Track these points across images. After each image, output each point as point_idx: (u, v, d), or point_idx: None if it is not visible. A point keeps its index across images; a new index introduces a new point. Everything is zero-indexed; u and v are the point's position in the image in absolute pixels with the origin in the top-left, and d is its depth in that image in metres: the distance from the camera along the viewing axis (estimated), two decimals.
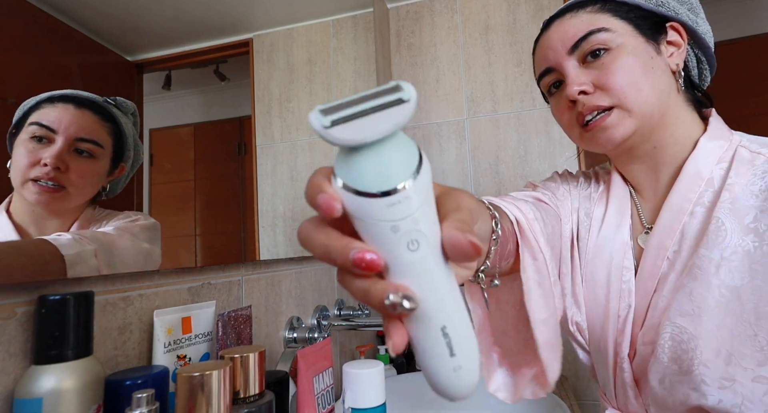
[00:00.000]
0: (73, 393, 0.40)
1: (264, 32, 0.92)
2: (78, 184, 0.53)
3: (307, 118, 0.22)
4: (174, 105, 0.71)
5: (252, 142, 0.87)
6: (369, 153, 0.22)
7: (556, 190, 0.70)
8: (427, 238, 0.23)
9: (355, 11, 1.33)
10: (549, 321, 0.46)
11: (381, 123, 0.22)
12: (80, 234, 0.53)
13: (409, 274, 0.23)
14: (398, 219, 0.22)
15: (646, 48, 0.59)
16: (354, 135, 0.22)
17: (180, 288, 0.63)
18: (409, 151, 0.23)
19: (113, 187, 0.59)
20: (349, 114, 0.22)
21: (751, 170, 0.54)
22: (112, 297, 0.52)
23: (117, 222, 0.59)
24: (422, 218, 0.23)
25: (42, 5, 0.49)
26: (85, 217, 0.55)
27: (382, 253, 0.22)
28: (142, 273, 0.57)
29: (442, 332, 0.23)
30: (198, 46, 0.74)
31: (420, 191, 0.22)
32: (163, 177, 0.67)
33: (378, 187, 0.22)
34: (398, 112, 0.22)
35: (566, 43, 0.60)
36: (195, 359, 0.57)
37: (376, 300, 0.22)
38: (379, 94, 0.22)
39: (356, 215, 0.22)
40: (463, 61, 1.57)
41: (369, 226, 0.22)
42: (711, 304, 0.52)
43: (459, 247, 0.22)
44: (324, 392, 0.67)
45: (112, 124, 0.57)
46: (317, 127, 0.22)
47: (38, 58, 0.49)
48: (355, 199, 0.22)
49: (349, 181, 0.22)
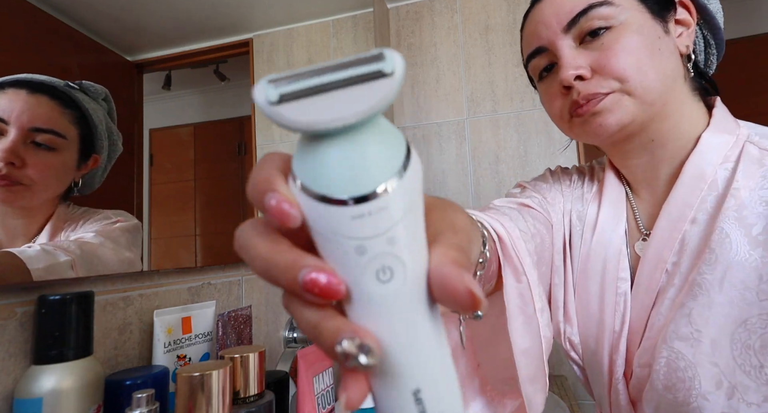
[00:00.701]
0: (73, 393, 0.40)
1: (264, 32, 0.92)
2: (38, 180, 0.47)
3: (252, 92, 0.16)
4: (174, 105, 0.71)
5: (252, 142, 0.87)
6: (334, 143, 0.16)
7: (547, 192, 0.63)
8: (406, 267, 0.17)
9: (355, 11, 1.33)
10: (532, 352, 0.42)
11: (353, 102, 0.16)
12: (55, 245, 0.49)
13: (375, 314, 0.17)
14: (366, 237, 0.16)
15: (653, 26, 0.50)
16: (312, 116, 0.16)
17: (180, 288, 0.63)
18: (391, 144, 0.17)
19: (89, 181, 0.54)
20: (307, 87, 0.16)
21: (760, 171, 0.47)
22: (112, 297, 0.52)
23: (95, 224, 0.54)
24: (401, 238, 0.17)
25: (42, 5, 0.49)
26: (59, 216, 0.50)
27: (345, 279, 0.17)
28: (142, 273, 0.57)
29: (414, 397, 0.17)
30: (198, 46, 0.74)
31: (403, 200, 0.16)
32: (163, 177, 0.67)
33: (344, 190, 0.16)
34: (377, 88, 0.16)
35: (562, 18, 0.51)
36: (195, 359, 0.57)
37: (325, 342, 0.16)
38: (352, 63, 0.16)
39: (315, 227, 0.17)
40: (463, 61, 1.57)
41: (330, 244, 0.17)
42: (712, 328, 0.45)
43: (452, 293, 0.17)
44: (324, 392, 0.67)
45: (75, 110, 0.51)
46: (261, 102, 0.16)
47: (38, 58, 0.49)
48: (314, 206, 0.16)
49: (306, 180, 0.17)
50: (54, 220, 0.50)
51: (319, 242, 0.17)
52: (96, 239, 0.53)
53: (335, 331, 0.16)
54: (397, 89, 0.16)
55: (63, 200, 0.51)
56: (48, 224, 0.49)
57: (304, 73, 0.16)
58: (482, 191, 1.50)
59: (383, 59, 0.16)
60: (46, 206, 0.49)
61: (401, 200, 0.16)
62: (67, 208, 0.51)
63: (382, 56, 0.16)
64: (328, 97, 0.16)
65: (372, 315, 0.17)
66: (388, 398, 0.18)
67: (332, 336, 0.16)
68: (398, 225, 0.16)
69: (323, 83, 0.16)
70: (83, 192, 0.53)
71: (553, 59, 0.54)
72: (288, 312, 0.18)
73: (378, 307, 0.17)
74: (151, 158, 0.64)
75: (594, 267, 0.57)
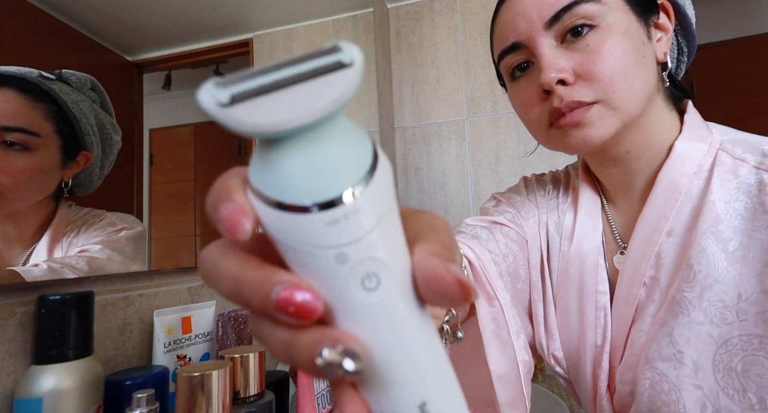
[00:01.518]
0: (73, 393, 0.40)
1: (264, 32, 0.92)
2: (13, 185, 0.42)
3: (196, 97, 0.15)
4: (174, 105, 0.71)
5: (252, 142, 0.87)
6: (293, 145, 0.15)
7: (521, 205, 0.60)
8: (391, 271, 0.16)
9: (355, 11, 1.33)
10: (509, 377, 0.41)
11: (310, 98, 0.14)
12: (62, 263, 0.46)
13: (368, 325, 0.16)
14: (346, 243, 0.15)
15: (638, 30, 0.47)
16: (266, 117, 0.14)
17: (180, 288, 0.63)
18: (355, 143, 0.16)
19: (86, 180, 0.50)
20: (259, 85, 0.14)
21: (734, 182, 0.45)
22: (112, 297, 0.52)
23: (99, 232, 0.51)
24: (381, 241, 0.15)
25: (42, 5, 0.49)
26: (60, 220, 0.47)
27: (323, 294, 0.15)
28: (142, 273, 0.57)
29: (420, 411, 0.16)
30: (198, 46, 0.74)
31: (376, 201, 0.15)
32: (163, 177, 0.67)
33: (307, 196, 0.15)
34: (336, 81, 0.15)
35: (544, 12, 0.46)
36: (195, 359, 0.57)
37: (302, 357, 0.15)
38: (308, 57, 0.15)
39: (284, 241, 0.15)
40: (463, 61, 1.57)
41: (304, 257, 0.15)
42: (693, 349, 0.43)
43: (440, 285, 0.16)
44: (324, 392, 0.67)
45: (49, 104, 0.45)
46: (208, 105, 0.14)
47: (38, 58, 0.49)
48: (280, 217, 0.15)
49: (267, 188, 0.15)
50: (55, 225, 0.47)
51: (292, 258, 0.16)
52: (103, 253, 0.50)
53: (313, 342, 0.14)
54: (358, 80, 0.15)
55: (61, 201, 0.48)
56: (48, 229, 0.46)
57: (256, 71, 0.15)
58: (482, 191, 1.50)
59: (340, 50, 0.15)
60: (35, 210, 0.45)
61: (374, 203, 0.15)
62: (69, 210, 0.48)
63: (338, 48, 0.15)
64: (285, 94, 0.15)
65: (363, 328, 0.16)
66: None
67: (310, 348, 0.14)
68: (378, 228, 0.15)
69: (278, 80, 0.15)
70: (82, 192, 0.51)
71: (530, 57, 0.49)
72: (256, 337, 0.16)
73: (368, 318, 0.15)
74: (151, 158, 0.64)
75: (572, 280, 0.54)
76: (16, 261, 0.45)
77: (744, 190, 0.44)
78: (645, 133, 0.49)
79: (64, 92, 0.47)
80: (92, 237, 0.51)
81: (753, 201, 0.43)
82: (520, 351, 0.43)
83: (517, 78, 0.51)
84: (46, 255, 0.47)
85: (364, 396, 0.16)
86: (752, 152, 0.46)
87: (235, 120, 0.14)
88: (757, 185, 0.44)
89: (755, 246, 0.42)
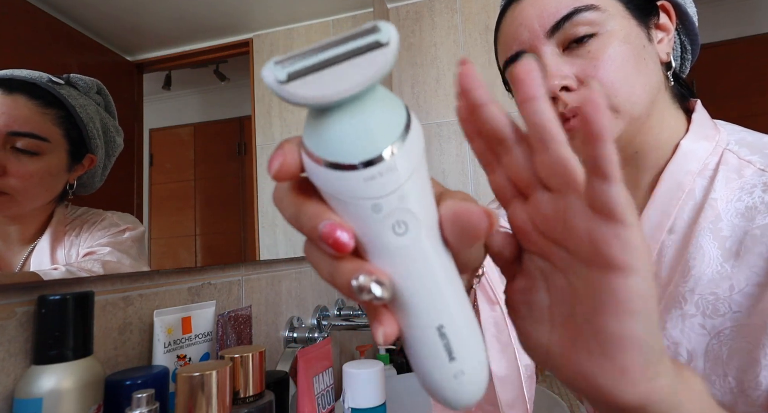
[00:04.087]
0: (73, 393, 0.40)
1: (264, 32, 0.92)
2: (23, 189, 0.44)
3: (261, 74, 0.18)
4: (174, 105, 0.71)
5: (252, 142, 0.87)
6: (340, 113, 0.18)
7: None
8: (418, 219, 0.19)
9: (355, 11, 1.33)
10: (509, 379, 0.41)
11: (353, 74, 0.17)
12: (79, 266, 0.47)
13: (397, 262, 0.19)
14: (380, 196, 0.18)
15: (638, 34, 0.48)
16: (318, 91, 0.17)
17: (180, 288, 0.63)
18: (392, 110, 0.19)
19: (88, 182, 0.51)
20: (311, 64, 0.17)
21: (739, 182, 0.46)
22: (112, 297, 0.52)
23: (103, 232, 0.51)
24: (411, 194, 0.19)
25: (42, 5, 0.49)
26: (59, 220, 0.48)
27: (363, 237, 0.19)
28: (142, 273, 0.57)
29: (438, 332, 0.20)
30: (198, 46, 0.74)
31: (408, 160, 0.18)
32: (163, 177, 0.67)
33: (354, 156, 0.18)
34: (375, 58, 0.17)
35: (545, 21, 0.48)
36: (195, 359, 0.57)
37: (342, 280, 0.18)
38: (350, 38, 0.18)
39: (330, 192, 0.19)
40: None
41: (345, 206, 0.18)
42: (687, 340, 0.44)
43: (467, 218, 0.19)
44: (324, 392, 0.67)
45: (58, 109, 0.47)
46: (270, 82, 0.17)
47: (38, 58, 0.49)
48: (327, 173, 0.18)
49: (317, 149, 0.18)
50: (54, 225, 0.47)
51: (338, 207, 0.19)
52: (113, 255, 0.51)
53: (351, 269, 0.18)
54: (394, 57, 0.18)
55: (59, 202, 0.49)
56: (48, 229, 0.47)
57: (306, 52, 0.18)
58: (482, 191, 1.50)
59: (378, 31, 0.18)
60: (39, 211, 0.47)
61: (407, 160, 0.18)
62: (66, 210, 0.49)
63: (377, 28, 0.18)
64: (332, 71, 0.17)
65: (393, 265, 0.19)
66: (418, 336, 0.20)
67: (348, 273, 0.18)
68: (407, 183, 0.18)
69: (326, 59, 0.17)
70: (83, 192, 0.51)
71: None
72: (308, 259, 0.20)
73: (398, 257, 0.19)
74: (151, 158, 0.64)
75: None
76: (15, 261, 0.45)
77: (747, 190, 0.44)
78: (652, 133, 0.50)
79: (72, 97, 0.48)
80: (96, 238, 0.51)
81: (755, 200, 0.44)
82: (521, 355, 0.43)
83: None
84: (48, 254, 0.47)
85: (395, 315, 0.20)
86: (759, 154, 0.46)
87: (293, 94, 0.17)
88: (762, 186, 0.44)
89: (751, 240, 0.42)
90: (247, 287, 0.77)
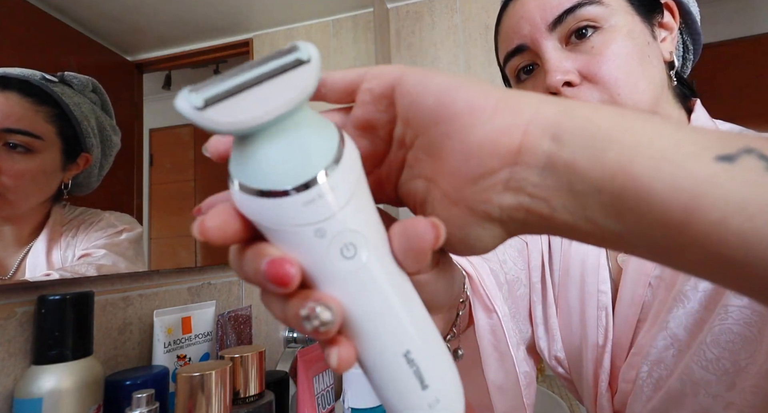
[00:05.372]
0: (72, 393, 0.40)
1: (264, 32, 0.92)
2: (15, 188, 0.43)
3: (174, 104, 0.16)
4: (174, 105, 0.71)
5: None
6: (267, 137, 0.17)
7: None
8: (366, 238, 0.18)
9: (355, 11, 1.33)
10: (507, 387, 0.41)
11: (275, 95, 0.16)
12: (73, 272, 0.47)
13: (351, 288, 0.17)
14: (321, 220, 0.17)
15: (642, 31, 0.47)
16: (239, 115, 0.16)
17: (180, 288, 0.63)
18: (322, 129, 0.18)
19: (84, 181, 0.50)
20: (229, 87, 0.16)
21: None
22: (112, 297, 0.52)
23: (100, 233, 0.51)
24: (355, 214, 0.17)
25: (42, 5, 0.49)
26: (55, 220, 0.47)
27: (311, 268, 0.17)
28: (142, 274, 0.57)
29: (405, 358, 0.18)
30: (198, 46, 0.74)
31: (347, 179, 0.17)
32: (163, 177, 0.67)
33: (287, 181, 0.16)
34: (297, 77, 0.16)
35: (547, 14, 0.47)
36: (195, 359, 0.57)
37: (291, 314, 0.17)
38: (268, 59, 0.17)
39: (268, 225, 0.17)
40: (463, 61, 1.57)
41: (287, 237, 0.17)
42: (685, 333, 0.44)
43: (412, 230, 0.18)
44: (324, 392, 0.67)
45: (52, 107, 0.46)
46: (185, 110, 0.16)
47: (38, 58, 0.49)
48: (262, 203, 0.17)
49: (247, 180, 0.17)
50: (51, 225, 0.47)
51: (279, 242, 0.17)
52: (108, 259, 0.50)
53: (299, 301, 0.17)
54: (317, 74, 0.17)
55: (56, 201, 0.48)
56: (45, 229, 0.47)
57: (223, 76, 0.16)
58: None
59: (297, 49, 0.17)
60: (34, 211, 0.46)
61: (345, 180, 0.17)
62: (63, 210, 0.48)
63: (295, 47, 0.17)
64: (252, 93, 0.16)
65: (347, 291, 0.18)
66: (383, 365, 0.18)
67: (297, 306, 0.17)
68: (349, 204, 0.17)
69: (245, 81, 0.16)
70: (80, 192, 0.50)
71: (535, 59, 0.49)
72: (265, 306, 0.19)
73: (350, 282, 0.17)
74: (151, 158, 0.64)
75: (573, 279, 0.54)
76: (10, 262, 0.45)
77: None
78: None
79: (66, 95, 0.48)
80: (92, 239, 0.51)
81: None
82: (520, 363, 0.43)
83: (523, 80, 0.52)
84: (44, 256, 0.47)
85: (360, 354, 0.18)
86: None
87: (211, 120, 0.16)
88: None
89: None
90: (247, 287, 0.77)
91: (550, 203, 0.18)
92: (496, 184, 0.18)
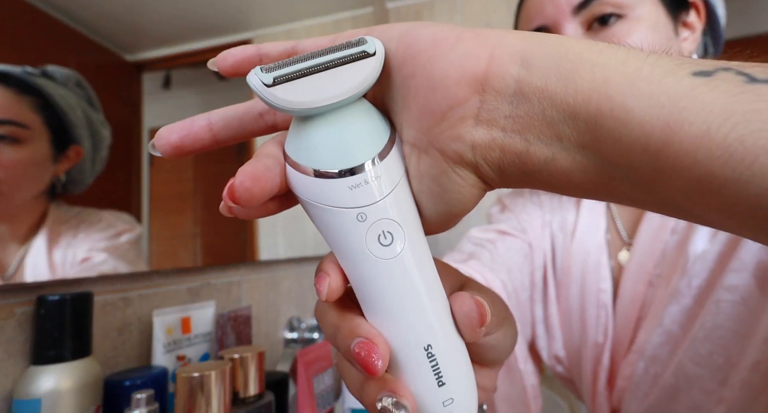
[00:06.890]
0: (72, 393, 0.40)
1: (264, 32, 0.92)
2: (5, 178, 0.42)
3: (246, 79, 0.18)
4: (174, 105, 0.71)
5: (252, 141, 0.87)
6: (325, 121, 0.18)
7: (524, 206, 0.60)
8: (404, 229, 0.18)
9: (355, 11, 1.33)
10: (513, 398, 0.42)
11: (340, 82, 0.17)
12: (73, 278, 0.47)
13: (382, 275, 0.18)
14: (364, 205, 0.18)
15: (666, 25, 0.47)
16: (303, 96, 0.17)
17: (179, 289, 0.63)
18: (377, 121, 0.19)
19: (78, 177, 0.49)
20: (297, 70, 0.17)
21: None
22: (111, 298, 0.52)
23: (100, 235, 0.50)
24: (396, 204, 0.18)
25: (41, 5, 0.49)
26: (54, 219, 0.47)
27: (347, 250, 0.18)
28: (141, 274, 0.57)
29: (426, 352, 0.18)
30: (198, 46, 0.74)
31: (391, 172, 0.18)
32: (163, 177, 0.67)
33: (337, 164, 0.17)
34: (361, 68, 0.17)
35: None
36: (195, 359, 0.57)
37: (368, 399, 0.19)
38: (337, 48, 0.18)
39: (314, 202, 0.18)
40: None
41: (330, 216, 0.18)
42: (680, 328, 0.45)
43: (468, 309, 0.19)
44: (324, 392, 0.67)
45: (36, 96, 0.45)
46: (255, 85, 0.17)
47: (38, 58, 0.48)
48: (312, 182, 0.18)
49: (302, 158, 0.18)
50: (50, 223, 0.47)
51: (320, 218, 0.18)
52: (109, 264, 0.50)
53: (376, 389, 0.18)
54: (379, 67, 0.18)
55: (52, 199, 0.48)
56: (44, 227, 0.46)
57: (294, 59, 0.18)
58: None
59: (365, 42, 0.18)
60: (28, 207, 0.45)
61: (392, 170, 0.18)
62: (61, 208, 0.48)
63: (363, 40, 0.18)
64: (318, 78, 0.17)
65: (377, 276, 0.18)
66: (402, 356, 0.19)
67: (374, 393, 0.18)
68: (392, 194, 0.18)
69: (312, 65, 0.17)
70: (75, 190, 0.50)
71: None
72: (338, 370, 0.21)
73: (382, 268, 0.18)
74: (151, 158, 0.64)
75: (574, 277, 0.55)
76: (9, 261, 0.45)
77: None
78: None
79: (50, 87, 0.47)
80: (93, 240, 0.51)
81: None
82: (528, 376, 0.43)
83: None
84: (45, 255, 0.47)
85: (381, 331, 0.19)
86: None
87: (276, 98, 0.17)
88: None
89: None
90: (246, 287, 0.77)
91: (525, 135, 0.17)
92: (465, 116, 0.17)
